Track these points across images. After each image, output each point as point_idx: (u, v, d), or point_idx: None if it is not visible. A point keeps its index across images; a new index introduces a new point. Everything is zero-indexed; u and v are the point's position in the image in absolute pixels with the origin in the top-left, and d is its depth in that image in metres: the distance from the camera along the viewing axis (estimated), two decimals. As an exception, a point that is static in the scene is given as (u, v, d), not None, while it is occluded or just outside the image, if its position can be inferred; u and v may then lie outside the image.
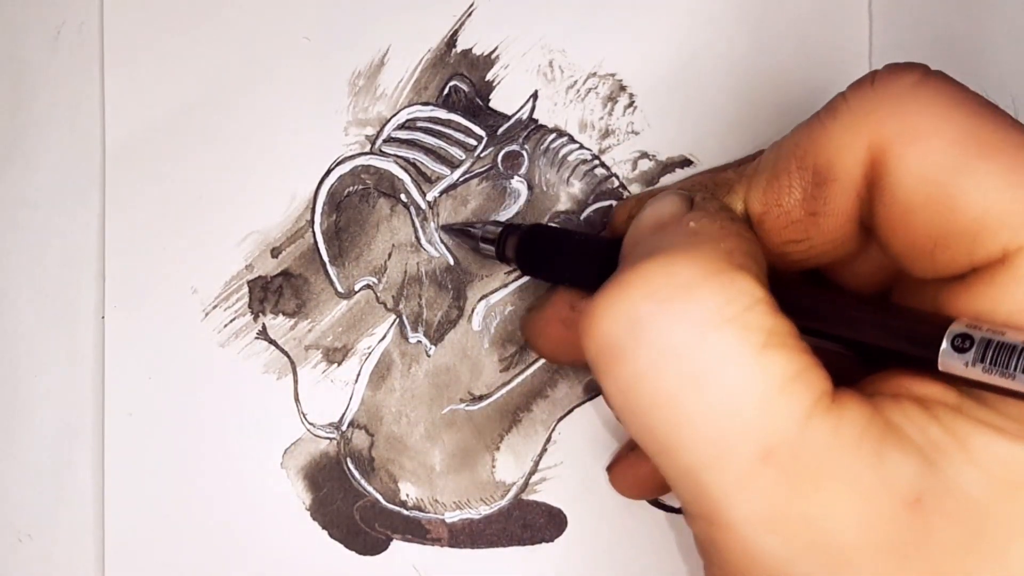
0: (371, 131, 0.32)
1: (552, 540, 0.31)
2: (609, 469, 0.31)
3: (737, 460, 0.20)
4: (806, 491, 0.19)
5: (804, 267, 0.25)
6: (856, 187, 0.22)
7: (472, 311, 0.31)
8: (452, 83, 0.31)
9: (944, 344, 0.20)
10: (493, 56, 0.31)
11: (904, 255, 0.22)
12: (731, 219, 0.23)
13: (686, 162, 0.31)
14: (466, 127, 0.31)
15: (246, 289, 0.32)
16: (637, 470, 0.29)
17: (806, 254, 0.24)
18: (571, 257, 0.28)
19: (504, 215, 0.31)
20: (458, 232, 0.31)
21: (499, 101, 0.31)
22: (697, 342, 0.20)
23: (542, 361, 0.31)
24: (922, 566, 0.19)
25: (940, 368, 0.20)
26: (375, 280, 0.32)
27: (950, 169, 0.20)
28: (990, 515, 0.19)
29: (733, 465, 0.20)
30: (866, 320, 0.22)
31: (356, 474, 0.32)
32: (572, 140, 0.31)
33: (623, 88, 0.31)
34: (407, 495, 0.32)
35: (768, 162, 0.24)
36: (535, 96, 0.31)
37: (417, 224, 0.31)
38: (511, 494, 0.31)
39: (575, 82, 0.31)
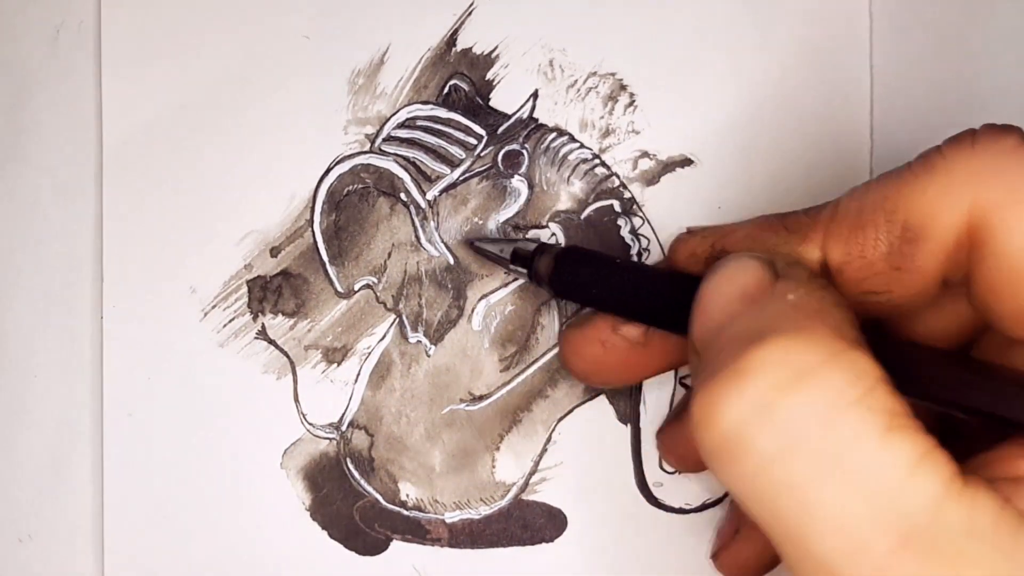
0: (371, 130, 0.32)
1: (552, 540, 0.31)
2: (714, 557, 0.30)
3: (875, 549, 0.19)
4: None
5: (876, 316, 0.24)
6: (948, 248, 0.22)
7: (472, 311, 0.31)
8: (452, 82, 0.31)
9: None
10: (493, 55, 0.31)
11: (1007, 317, 0.22)
12: (823, 287, 0.23)
13: (686, 161, 0.31)
14: (466, 126, 0.31)
15: (245, 289, 0.32)
16: (742, 554, 0.29)
17: (882, 306, 0.24)
18: (613, 285, 0.27)
19: (504, 214, 0.31)
20: (486, 252, 0.30)
21: (499, 100, 0.31)
22: (825, 427, 0.19)
23: (542, 361, 0.31)
24: None
25: None
26: (375, 280, 0.32)
27: None
28: None
29: (871, 554, 0.19)
30: (974, 384, 0.22)
31: (356, 474, 0.32)
32: (572, 139, 0.31)
33: (624, 87, 0.31)
34: (407, 495, 0.31)
35: (851, 211, 0.24)
36: (535, 95, 0.31)
37: (417, 223, 0.31)
38: (511, 494, 0.31)
39: (575, 81, 0.31)
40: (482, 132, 0.31)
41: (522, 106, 0.31)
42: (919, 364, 0.23)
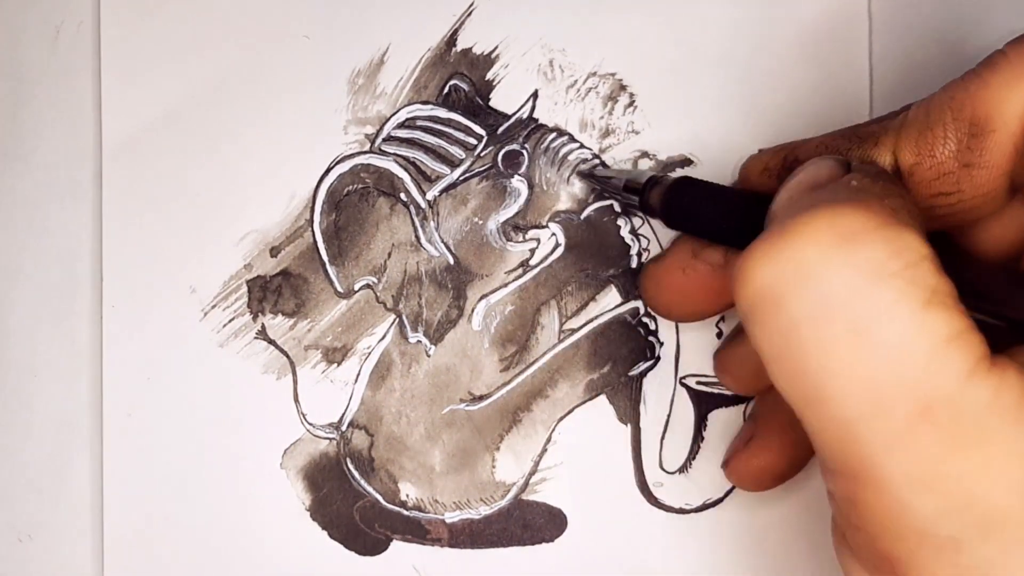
0: (371, 130, 0.32)
1: (552, 540, 0.31)
2: (725, 464, 0.30)
3: (895, 415, 0.19)
4: (964, 451, 0.19)
5: (947, 224, 0.25)
6: (1014, 138, 0.23)
7: (472, 311, 0.31)
8: (452, 82, 0.31)
9: None
10: (493, 55, 0.31)
11: None
12: (892, 181, 0.23)
13: (686, 161, 0.31)
14: (466, 126, 0.31)
15: (245, 289, 0.32)
16: (755, 462, 0.29)
17: (953, 208, 0.24)
18: (721, 210, 0.27)
19: (504, 214, 0.31)
20: (599, 179, 0.30)
21: (499, 100, 0.31)
22: (861, 293, 0.19)
23: (542, 361, 0.31)
24: None
25: None
26: (375, 280, 0.32)
27: None
28: None
29: (890, 420, 0.19)
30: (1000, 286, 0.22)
31: (356, 474, 0.32)
32: (572, 139, 0.31)
33: (623, 87, 0.31)
34: (407, 495, 0.31)
35: (919, 115, 0.24)
36: (535, 95, 0.31)
37: (417, 223, 0.31)
38: (511, 494, 0.31)
39: (575, 81, 0.31)
40: (482, 132, 0.31)
41: (522, 106, 0.31)
42: (981, 277, 0.23)
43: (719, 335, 0.31)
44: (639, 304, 0.31)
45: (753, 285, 0.21)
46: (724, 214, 0.27)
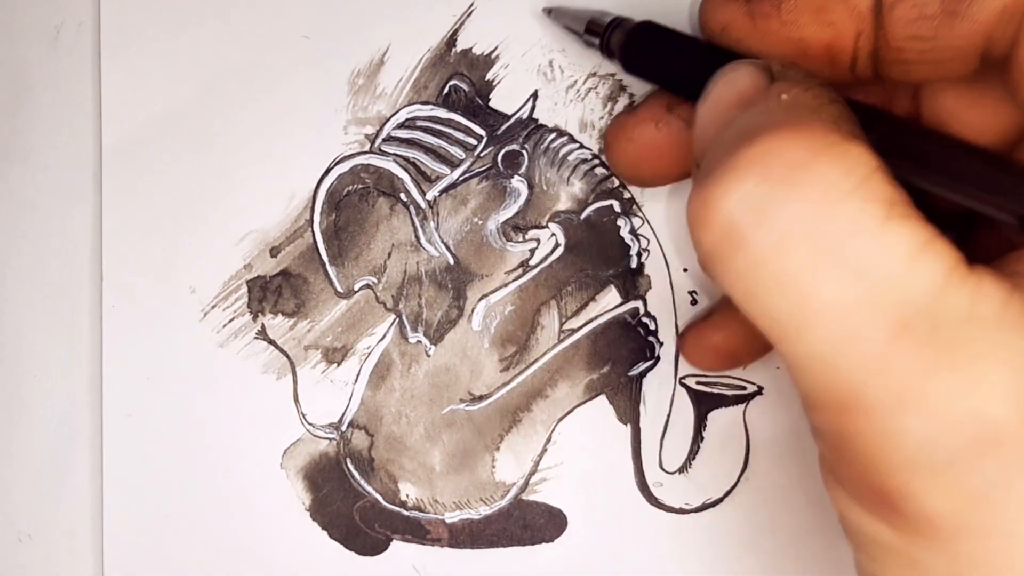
0: (370, 130, 0.32)
1: (552, 540, 0.31)
2: (681, 337, 0.30)
3: (873, 336, 0.19)
4: (949, 365, 0.18)
5: (906, 76, 0.24)
6: (1005, 2, 0.22)
7: (472, 311, 0.31)
8: (452, 82, 0.31)
9: None
10: (493, 56, 0.31)
11: None
12: (820, 84, 0.22)
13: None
14: (466, 126, 0.31)
15: (245, 289, 0.32)
16: (709, 339, 0.29)
17: (922, 56, 0.23)
18: (682, 58, 0.26)
19: (504, 214, 0.31)
20: (561, 15, 0.29)
21: (499, 101, 0.31)
22: (820, 218, 0.19)
23: (542, 361, 0.31)
24: None
25: None
26: (375, 280, 0.32)
27: None
28: None
29: (869, 342, 0.19)
30: (1009, 185, 0.21)
31: (356, 474, 0.32)
32: (572, 140, 0.31)
33: (623, 88, 0.31)
34: (407, 495, 0.31)
35: None
36: (535, 96, 0.31)
37: (417, 223, 0.31)
38: (511, 494, 0.31)
39: (575, 82, 0.31)
40: (482, 132, 0.31)
41: (522, 107, 0.31)
42: (955, 160, 0.22)
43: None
44: (639, 304, 0.31)
45: (712, 226, 0.20)
46: (686, 64, 0.26)
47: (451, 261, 0.31)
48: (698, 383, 0.31)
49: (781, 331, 0.20)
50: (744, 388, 0.31)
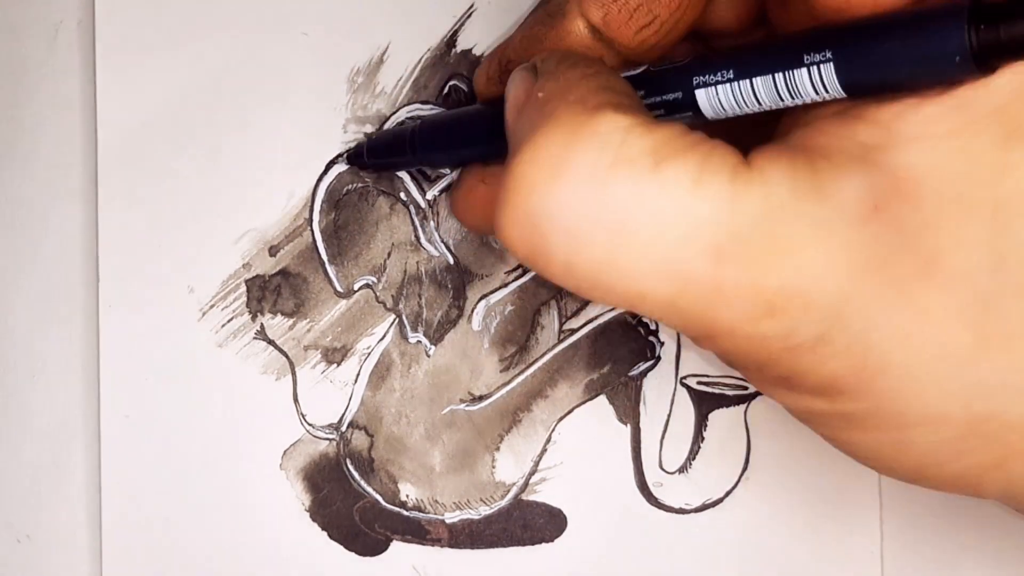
0: (370, 129, 0.31)
1: (552, 540, 0.31)
2: (451, 195, 0.30)
3: (699, 275, 0.19)
4: (771, 264, 0.19)
5: (669, 48, 0.25)
6: None
7: (472, 311, 0.31)
8: (452, 83, 0.31)
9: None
10: (493, 55, 0.31)
11: None
12: (572, 65, 0.23)
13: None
14: (466, 126, 0.31)
15: (244, 288, 0.32)
16: (481, 196, 0.29)
17: (661, 34, 0.24)
18: (452, 142, 0.28)
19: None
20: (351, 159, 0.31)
21: (499, 100, 0.31)
22: (599, 200, 0.20)
23: (542, 361, 0.31)
24: (908, 260, 0.19)
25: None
26: (374, 279, 0.32)
27: None
28: (946, 182, 0.19)
29: (698, 282, 0.20)
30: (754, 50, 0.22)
31: (356, 475, 0.32)
32: (572, 139, 0.31)
33: (623, 87, 0.31)
34: (407, 496, 0.31)
35: None
36: (535, 95, 0.31)
37: (417, 223, 0.31)
38: (511, 494, 0.31)
39: (575, 81, 0.31)
40: (482, 132, 0.31)
41: (522, 106, 0.31)
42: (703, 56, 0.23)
43: None
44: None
45: (515, 247, 0.21)
46: (470, 141, 0.27)
47: (451, 261, 0.31)
48: (699, 383, 0.31)
49: (628, 305, 0.21)
50: (745, 388, 0.31)
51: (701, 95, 0.22)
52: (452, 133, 0.28)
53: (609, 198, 0.19)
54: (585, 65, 0.22)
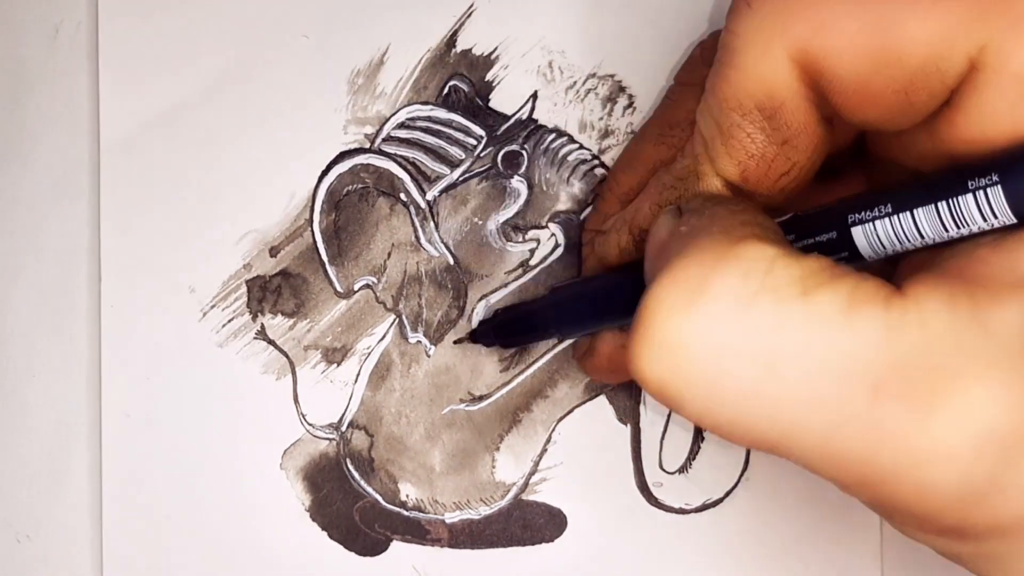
0: (370, 130, 0.32)
1: (552, 540, 0.31)
2: (582, 358, 0.30)
3: (856, 407, 0.18)
4: (934, 403, 0.18)
5: (804, 187, 0.24)
6: (803, 95, 0.22)
7: (472, 311, 0.31)
8: (452, 83, 0.31)
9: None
10: (493, 56, 0.31)
11: (882, 120, 0.22)
12: (717, 203, 0.22)
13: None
14: (466, 127, 0.31)
15: (244, 289, 0.32)
16: (617, 357, 0.28)
17: (799, 176, 0.24)
18: (593, 316, 0.28)
19: (504, 215, 0.31)
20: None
21: (499, 101, 0.31)
22: (743, 328, 0.19)
23: (542, 361, 0.31)
24: None
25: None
26: (374, 280, 0.32)
27: (879, 22, 0.20)
28: None
29: (855, 415, 0.18)
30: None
31: (356, 475, 0.32)
32: (572, 140, 0.31)
33: (623, 89, 0.31)
34: (407, 496, 0.31)
35: (711, 130, 0.24)
36: (535, 96, 0.31)
37: (417, 223, 0.31)
38: (511, 494, 0.31)
39: (575, 83, 0.31)
40: (482, 133, 0.31)
41: (522, 107, 0.31)
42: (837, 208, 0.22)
43: None
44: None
45: (646, 379, 0.20)
46: (611, 312, 0.27)
47: (451, 261, 0.31)
48: (698, 383, 0.31)
49: (771, 446, 0.19)
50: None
51: (858, 233, 0.21)
52: (594, 307, 0.27)
53: (754, 327, 0.18)
54: (732, 203, 0.22)
